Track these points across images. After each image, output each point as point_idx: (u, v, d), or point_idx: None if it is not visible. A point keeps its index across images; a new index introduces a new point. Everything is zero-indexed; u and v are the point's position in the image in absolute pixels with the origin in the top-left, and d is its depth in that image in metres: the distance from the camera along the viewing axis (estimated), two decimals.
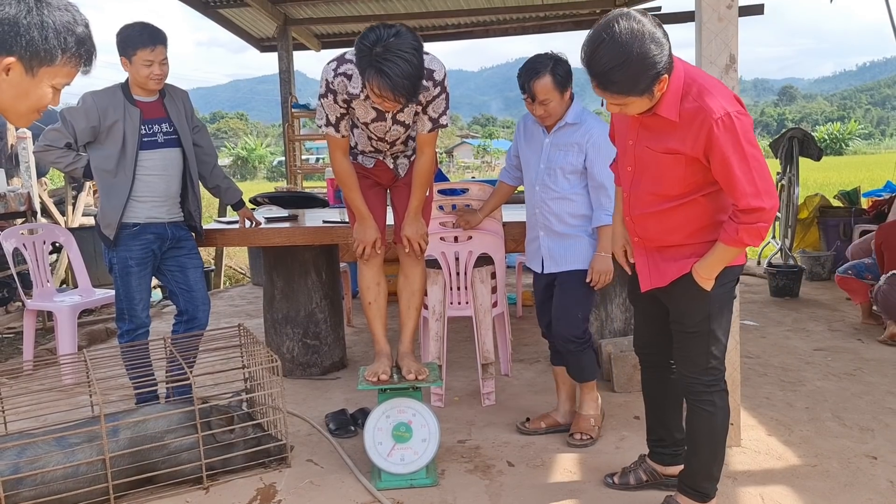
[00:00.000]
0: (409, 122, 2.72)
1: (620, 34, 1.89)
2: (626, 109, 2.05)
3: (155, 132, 3.24)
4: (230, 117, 78.30)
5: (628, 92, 1.96)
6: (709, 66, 2.74)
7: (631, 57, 1.89)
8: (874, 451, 2.85)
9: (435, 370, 2.88)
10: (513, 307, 5.41)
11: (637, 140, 2.18)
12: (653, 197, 2.19)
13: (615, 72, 1.92)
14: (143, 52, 3.10)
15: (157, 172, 3.25)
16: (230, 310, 6.12)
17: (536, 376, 3.95)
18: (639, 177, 2.22)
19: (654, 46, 1.91)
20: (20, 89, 1.36)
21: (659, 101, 2.03)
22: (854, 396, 3.44)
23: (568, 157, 2.91)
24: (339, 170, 2.77)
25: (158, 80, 3.18)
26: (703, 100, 1.99)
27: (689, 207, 2.15)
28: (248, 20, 8.06)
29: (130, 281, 3.27)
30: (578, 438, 3.01)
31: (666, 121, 2.06)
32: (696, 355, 2.25)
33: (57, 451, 2.52)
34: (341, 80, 2.57)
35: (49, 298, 4.32)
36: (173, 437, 2.69)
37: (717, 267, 2.14)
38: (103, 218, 3.24)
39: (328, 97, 2.61)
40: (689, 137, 2.02)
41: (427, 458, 2.71)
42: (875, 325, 4.61)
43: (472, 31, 8.79)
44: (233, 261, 10.05)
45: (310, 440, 3.16)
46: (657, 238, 2.26)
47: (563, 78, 2.82)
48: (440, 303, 3.52)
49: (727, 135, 1.96)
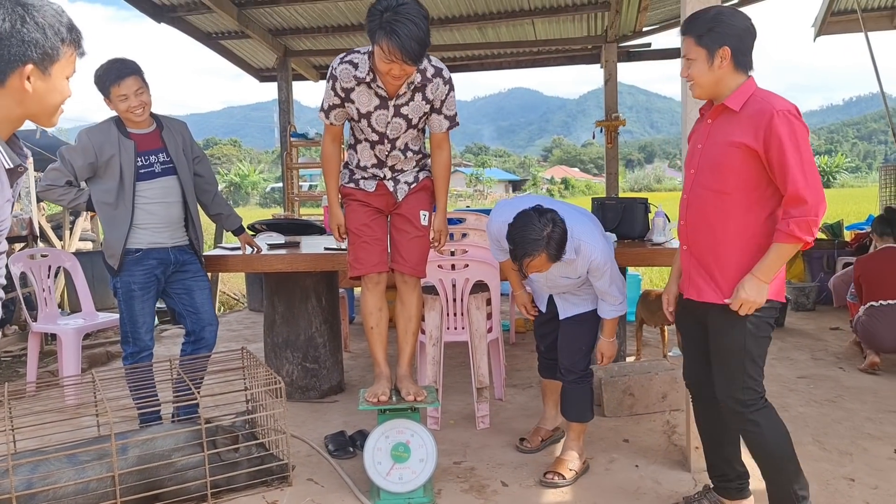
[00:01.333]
0: (413, 118, 2.82)
1: (711, 6, 2.36)
2: (692, 66, 2.29)
3: (152, 162, 3.34)
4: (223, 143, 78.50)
5: (698, 36, 2.26)
6: (693, 106, 2.91)
7: (708, 13, 2.28)
8: (852, 473, 2.98)
9: (432, 393, 3.00)
10: (506, 334, 5.54)
11: (706, 143, 2.35)
12: (709, 193, 2.31)
13: (696, 17, 2.31)
14: (114, 89, 3.18)
15: (157, 200, 3.35)
16: (229, 335, 6.21)
17: (529, 400, 4.06)
18: (699, 175, 2.36)
19: (727, 20, 2.25)
20: (43, 92, 1.46)
21: (731, 94, 2.26)
22: (834, 422, 3.58)
23: (570, 279, 2.93)
24: (325, 153, 3.03)
25: (139, 110, 3.24)
26: (769, 99, 2.21)
27: (740, 215, 2.26)
28: (248, 51, 8.27)
29: (134, 305, 3.37)
30: (549, 478, 2.95)
31: (730, 115, 2.26)
32: (732, 375, 2.33)
33: (68, 467, 2.62)
34: (345, 67, 2.72)
35: (53, 321, 4.42)
36: (180, 455, 2.79)
37: (774, 268, 2.22)
38: (107, 248, 3.35)
39: (329, 82, 2.78)
40: (750, 129, 2.19)
41: (424, 477, 2.82)
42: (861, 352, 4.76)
43: (468, 65, 9.06)
44: (227, 287, 10.14)
45: (310, 461, 3.26)
46: (706, 244, 2.35)
47: (556, 251, 2.67)
48: (437, 328, 3.65)
49: (786, 127, 2.14)
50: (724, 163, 2.27)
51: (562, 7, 7.05)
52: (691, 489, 2.83)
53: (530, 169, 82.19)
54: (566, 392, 3.11)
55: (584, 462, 3.09)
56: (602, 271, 2.84)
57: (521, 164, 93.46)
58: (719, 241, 2.32)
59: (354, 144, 2.97)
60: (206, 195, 3.65)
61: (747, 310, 2.25)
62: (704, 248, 2.36)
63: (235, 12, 6.44)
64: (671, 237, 3.86)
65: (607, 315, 2.97)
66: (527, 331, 5.81)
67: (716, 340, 2.38)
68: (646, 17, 7.38)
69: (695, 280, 2.41)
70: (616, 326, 3.02)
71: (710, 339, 2.41)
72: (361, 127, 2.86)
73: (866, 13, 9.34)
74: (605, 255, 2.81)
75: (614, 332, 3.03)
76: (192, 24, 7.13)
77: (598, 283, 2.89)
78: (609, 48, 7.93)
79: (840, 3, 9.42)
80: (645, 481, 2.97)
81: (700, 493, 2.69)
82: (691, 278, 2.43)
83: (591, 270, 2.84)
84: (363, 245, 2.97)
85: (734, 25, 2.25)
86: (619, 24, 7.38)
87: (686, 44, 2.34)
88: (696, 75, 2.31)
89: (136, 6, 6.32)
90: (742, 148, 2.22)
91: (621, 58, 8.13)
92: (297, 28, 7.47)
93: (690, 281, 2.44)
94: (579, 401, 3.07)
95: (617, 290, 2.92)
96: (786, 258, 2.25)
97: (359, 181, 3.01)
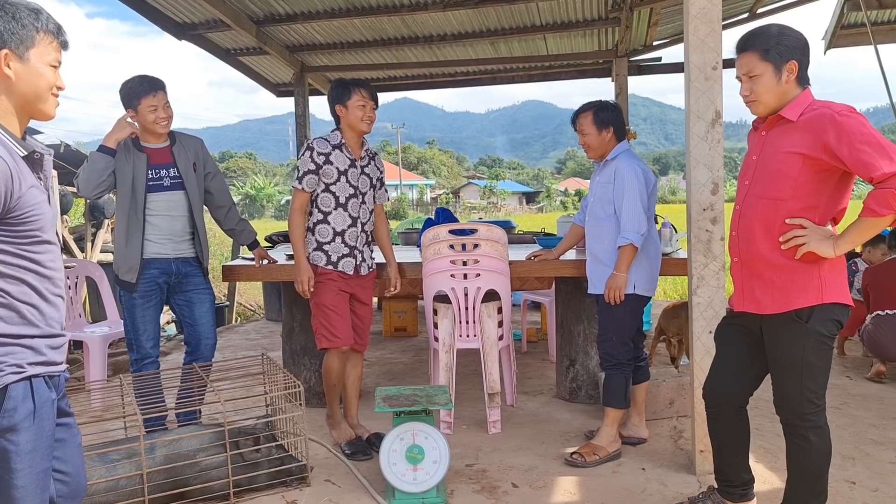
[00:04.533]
0: (373, 178, 3.59)
1: (764, 24, 2.41)
2: (756, 84, 2.32)
3: (161, 176, 3.47)
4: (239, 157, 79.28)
5: (763, 52, 2.30)
6: (696, 121, 3.02)
7: (771, 28, 2.34)
8: (853, 476, 3.07)
9: (446, 393, 3.11)
10: (518, 343, 5.64)
11: (761, 154, 2.38)
12: (763, 201, 2.33)
13: (757, 32, 2.35)
14: (146, 100, 3.37)
15: (163, 213, 3.47)
16: (247, 343, 6.36)
17: (540, 407, 4.16)
18: (754, 186, 2.37)
19: (791, 34, 2.31)
20: (26, 76, 1.68)
21: (786, 105, 2.30)
22: (839, 428, 3.65)
23: (606, 189, 3.34)
24: (295, 220, 3.47)
25: (164, 122, 3.43)
26: (826, 105, 2.25)
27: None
28: (266, 67, 8.46)
29: (135, 313, 3.47)
30: (573, 458, 3.26)
31: (787, 125, 2.30)
32: (790, 388, 2.32)
33: (100, 465, 2.76)
34: (320, 140, 3.45)
35: (80, 329, 4.58)
36: (204, 455, 2.92)
37: (857, 241, 2.21)
38: (124, 261, 3.42)
39: (305, 154, 3.42)
40: (809, 136, 2.22)
41: (438, 478, 2.93)
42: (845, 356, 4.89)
43: (481, 79, 9.19)
44: (243, 297, 10.31)
45: (327, 462, 3.38)
46: (759, 254, 2.34)
47: (602, 119, 3.37)
48: (450, 335, 3.76)
49: (850, 121, 2.16)
50: (782, 170, 2.28)
51: (573, 23, 7.17)
52: (696, 491, 2.92)
53: (544, 181, 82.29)
54: (605, 377, 3.40)
55: (614, 451, 3.31)
56: (623, 185, 3.25)
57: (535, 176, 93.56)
58: (774, 248, 2.31)
59: (323, 220, 3.46)
60: (219, 211, 3.78)
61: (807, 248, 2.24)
62: (758, 257, 2.36)
63: (254, 30, 6.62)
64: (678, 247, 3.96)
65: (619, 242, 3.24)
66: (538, 340, 5.91)
67: (774, 351, 2.37)
68: (656, 32, 7.50)
69: (750, 293, 2.40)
70: (625, 260, 3.23)
71: (769, 351, 2.39)
72: (337, 188, 3.43)
73: (876, 26, 9.41)
74: (630, 173, 3.26)
75: (623, 266, 3.24)
76: (211, 40, 7.32)
77: (616, 196, 3.28)
78: (620, 62, 8.05)
79: (850, 17, 9.50)
80: (651, 483, 3.06)
81: (704, 494, 2.76)
82: (745, 291, 2.43)
83: (616, 178, 3.30)
84: (339, 319, 3.47)
85: (798, 39, 2.30)
86: (629, 38, 7.50)
87: (747, 60, 2.34)
88: (762, 92, 2.32)
89: (158, 25, 6.52)
90: (801, 156, 2.24)
91: (632, 71, 8.24)
92: (314, 44, 7.65)
93: (744, 294, 2.43)
94: (612, 387, 3.35)
95: (630, 219, 3.23)
96: (869, 236, 2.24)
97: (337, 263, 3.47)
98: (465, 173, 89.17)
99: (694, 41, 2.99)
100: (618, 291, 3.24)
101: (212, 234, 15.96)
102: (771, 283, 2.35)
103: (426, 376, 4.82)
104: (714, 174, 3.01)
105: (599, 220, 3.37)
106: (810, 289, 2.29)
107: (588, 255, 3.49)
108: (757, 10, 7.30)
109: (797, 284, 2.30)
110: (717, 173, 3.01)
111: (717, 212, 3.01)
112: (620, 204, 3.26)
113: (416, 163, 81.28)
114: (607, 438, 3.33)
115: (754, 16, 7.38)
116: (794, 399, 2.34)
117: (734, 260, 2.49)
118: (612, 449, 3.32)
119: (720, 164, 3.02)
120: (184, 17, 6.57)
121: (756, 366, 2.50)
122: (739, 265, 2.46)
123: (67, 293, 4.61)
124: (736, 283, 2.50)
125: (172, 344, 6.54)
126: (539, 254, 3.89)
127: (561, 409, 4.12)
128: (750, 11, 7.38)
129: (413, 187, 60.23)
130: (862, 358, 4.98)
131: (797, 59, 2.29)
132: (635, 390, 3.52)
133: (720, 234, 3.01)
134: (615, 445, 3.34)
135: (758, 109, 2.38)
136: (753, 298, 2.41)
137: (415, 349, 5.85)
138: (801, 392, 2.32)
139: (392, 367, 5.31)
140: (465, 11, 6.50)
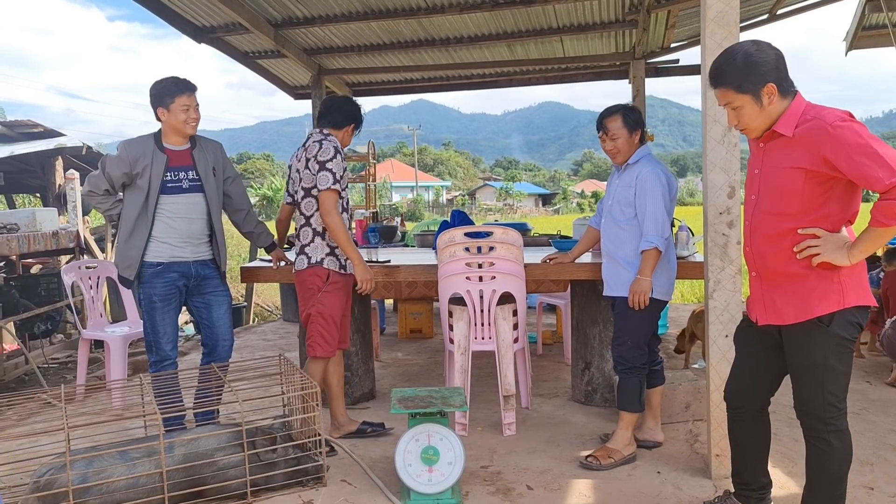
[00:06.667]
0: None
1: (732, 46, 2.36)
2: (741, 115, 2.31)
3: (181, 178, 3.51)
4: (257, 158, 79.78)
5: (736, 87, 2.27)
6: (713, 124, 3.01)
7: (737, 59, 2.28)
8: (872, 482, 3.04)
9: (461, 395, 3.12)
10: (533, 345, 5.64)
11: (762, 167, 2.37)
12: (772, 217, 2.32)
13: (724, 66, 2.30)
14: (181, 98, 3.44)
15: (181, 215, 3.51)
16: (264, 344, 6.41)
17: (555, 410, 4.17)
18: (761, 202, 2.37)
19: (759, 58, 2.26)
20: None
21: (778, 119, 2.28)
22: (857, 433, 3.59)
23: (626, 192, 3.33)
24: (340, 224, 3.47)
25: (193, 122, 3.50)
26: (820, 115, 2.21)
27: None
28: (284, 70, 8.53)
29: (155, 316, 3.51)
30: (589, 461, 3.27)
31: (784, 139, 2.28)
32: (811, 392, 2.31)
33: (120, 463, 2.80)
34: (337, 143, 3.49)
35: (101, 329, 4.65)
36: (222, 454, 2.95)
37: (870, 249, 2.20)
38: (124, 259, 3.47)
39: (336, 157, 3.45)
40: (807, 151, 2.20)
41: (452, 479, 2.94)
42: None
43: (497, 81, 9.19)
44: (261, 298, 10.40)
45: (343, 463, 3.41)
46: (775, 267, 2.34)
47: (632, 121, 3.34)
48: (465, 337, 3.78)
49: (844, 132, 2.12)
50: (785, 186, 2.27)
51: (590, 25, 7.16)
52: (712, 495, 2.91)
53: (560, 183, 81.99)
54: (618, 381, 3.40)
55: (629, 454, 3.31)
56: (646, 189, 3.24)
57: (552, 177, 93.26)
58: (790, 261, 2.30)
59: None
60: (237, 214, 3.83)
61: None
62: (775, 270, 2.35)
63: (272, 33, 6.68)
64: (694, 250, 3.95)
65: (642, 246, 3.23)
66: (553, 342, 5.91)
67: (795, 357, 2.36)
68: (673, 34, 7.47)
69: (771, 305, 2.39)
70: (649, 264, 3.22)
71: (789, 357, 2.39)
72: (345, 194, 3.54)
73: None
74: (653, 178, 3.25)
75: (647, 270, 3.22)
76: (230, 44, 7.39)
77: (638, 200, 3.26)
78: (637, 64, 8.03)
79: (871, 18, 9.40)
80: (666, 486, 3.06)
81: (720, 498, 2.75)
82: (766, 304, 2.42)
83: (639, 182, 3.27)
84: (336, 330, 3.57)
85: (767, 60, 2.25)
86: (646, 41, 7.48)
87: (723, 94, 2.32)
88: (747, 121, 2.31)
89: (178, 28, 6.60)
90: (802, 171, 2.22)
91: (649, 73, 8.21)
92: (331, 47, 7.70)
93: (765, 306, 2.42)
94: (626, 391, 3.35)
95: (654, 223, 3.22)
96: (879, 245, 2.23)
97: (346, 265, 3.57)
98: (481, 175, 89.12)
99: (711, 45, 2.98)
100: (643, 296, 3.22)
101: (230, 236, 16.10)
102: (791, 293, 2.34)
103: (441, 378, 4.84)
104: (730, 178, 3.00)
105: (619, 224, 3.37)
106: (831, 294, 2.28)
107: (604, 258, 3.49)
108: (777, 11, 7.24)
109: (818, 292, 2.29)
110: (734, 177, 3.00)
111: (733, 215, 3.00)
112: (644, 208, 3.25)
113: (433, 164, 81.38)
114: (622, 442, 3.33)
115: (774, 17, 7.33)
116: (816, 403, 2.32)
117: (752, 274, 2.48)
118: (627, 452, 3.32)
119: (737, 167, 3.02)
120: (203, 20, 6.64)
121: (776, 368, 2.50)
122: (758, 279, 2.45)
123: (89, 293, 4.69)
124: (755, 297, 2.48)
125: (191, 344, 6.61)
126: (554, 256, 3.90)
127: (576, 411, 4.12)
128: (770, 12, 7.33)
129: (429, 189, 60.30)
130: (882, 362, 4.93)
131: (772, 80, 2.25)
132: (650, 394, 3.51)
133: (736, 238, 3.00)
134: (630, 449, 3.34)
135: (751, 134, 2.38)
136: (775, 310, 2.39)
137: (430, 351, 5.87)
138: (822, 396, 2.31)
139: (408, 368, 5.33)
140: (481, 14, 6.51)
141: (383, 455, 3.47)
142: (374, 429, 3.75)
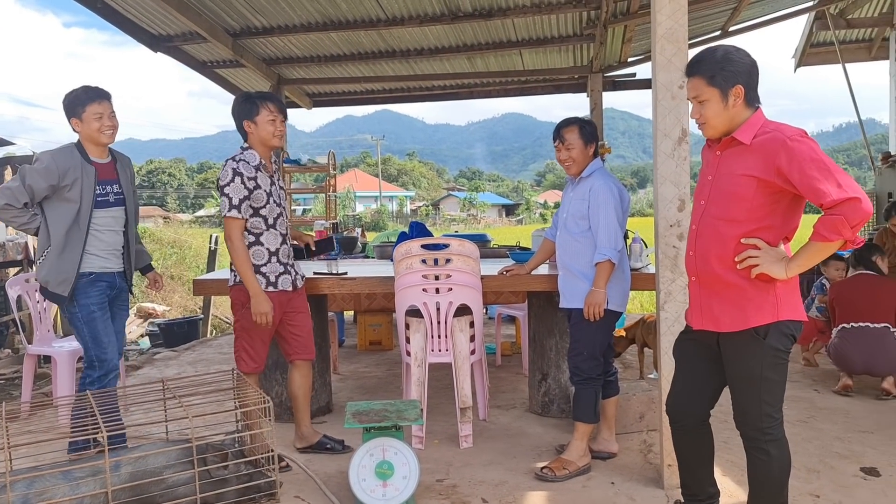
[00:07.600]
0: (284, 192, 3.58)
1: (715, 44, 2.45)
2: (705, 108, 2.36)
3: (107, 192, 3.47)
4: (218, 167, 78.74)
5: (708, 78, 2.33)
6: (663, 139, 3.07)
7: (717, 53, 2.36)
8: (817, 490, 3.11)
9: (416, 408, 3.11)
10: (492, 356, 5.65)
11: (716, 174, 2.41)
12: (719, 222, 2.36)
13: (703, 56, 2.38)
14: (92, 107, 3.38)
15: (109, 228, 3.48)
16: (220, 357, 6.30)
17: (512, 421, 4.17)
18: (710, 206, 2.41)
19: (736, 58, 2.34)
20: None
21: (738, 127, 2.34)
22: (804, 441, 3.70)
23: (580, 205, 3.38)
24: (241, 249, 3.34)
25: (109, 131, 3.43)
26: (777, 129, 2.28)
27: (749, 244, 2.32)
28: (243, 79, 8.45)
29: (97, 326, 3.43)
30: (543, 472, 3.28)
31: (741, 147, 2.33)
32: (749, 403, 2.37)
33: (63, 483, 2.72)
34: (243, 163, 3.34)
35: (48, 344, 4.52)
36: (171, 472, 2.89)
37: (807, 264, 2.25)
38: (57, 274, 3.36)
39: (235, 181, 3.30)
40: (762, 160, 2.26)
41: (407, 494, 2.93)
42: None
43: (458, 93, 9.26)
44: (219, 310, 10.23)
45: (297, 478, 3.36)
46: (716, 273, 2.38)
47: (588, 133, 3.40)
48: (422, 349, 3.77)
49: (801, 147, 2.19)
50: (737, 192, 2.32)
51: (548, 39, 7.26)
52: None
53: (524, 193, 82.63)
54: (574, 391, 3.42)
55: (584, 465, 3.33)
56: (599, 202, 3.30)
57: (515, 188, 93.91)
58: (730, 269, 2.35)
59: (256, 241, 3.41)
60: None
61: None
62: (714, 277, 2.39)
63: (230, 42, 6.62)
64: (648, 262, 4.01)
65: (595, 259, 3.28)
66: (513, 353, 5.93)
67: (733, 368, 2.41)
68: (630, 49, 7.61)
69: (708, 311, 2.44)
70: (603, 276, 3.26)
71: (727, 368, 2.44)
72: (266, 210, 3.39)
73: (844, 45, 9.64)
74: (606, 191, 3.31)
75: (601, 282, 3.26)
76: (188, 53, 7.31)
77: (591, 213, 3.31)
78: (594, 78, 8.17)
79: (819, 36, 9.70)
80: (620, 497, 3.08)
81: None
82: (703, 309, 2.47)
83: (592, 195, 3.33)
84: (263, 347, 3.53)
85: (743, 63, 2.33)
86: (604, 54, 7.61)
87: (694, 85, 2.39)
88: (710, 116, 2.37)
89: (134, 37, 6.50)
90: (755, 179, 2.28)
91: (606, 87, 8.36)
92: (291, 57, 7.67)
93: (702, 312, 2.47)
94: (582, 402, 3.37)
95: (607, 236, 3.27)
96: (817, 260, 2.28)
97: (277, 283, 3.46)
98: (445, 185, 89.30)
99: (661, 61, 3.04)
100: (598, 307, 3.26)
101: (188, 247, 15.86)
102: (728, 301, 2.39)
103: (400, 390, 4.81)
104: (680, 191, 3.05)
105: (574, 236, 3.41)
106: (766, 307, 2.34)
107: (560, 270, 3.52)
108: (729, 28, 7.44)
109: (754, 303, 2.35)
110: (683, 190, 3.06)
111: (683, 228, 3.05)
112: (597, 221, 3.30)
113: (397, 174, 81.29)
114: (577, 453, 3.35)
115: (726, 33, 7.53)
116: (754, 414, 2.38)
117: (691, 279, 2.53)
118: (581, 463, 3.34)
119: (687, 181, 3.07)
120: (159, 29, 6.56)
121: (715, 379, 2.55)
122: (697, 284, 2.50)
123: (35, 307, 4.56)
124: (693, 302, 2.53)
125: (144, 358, 6.46)
126: (511, 268, 3.92)
127: (533, 423, 4.14)
128: (722, 29, 7.52)
129: (393, 199, 60.20)
130: (830, 371, 5.05)
131: (742, 83, 2.33)
132: (605, 405, 3.54)
133: None
134: (585, 460, 3.36)
135: (708, 132, 2.42)
136: (712, 316, 2.45)
137: (389, 363, 5.84)
138: (759, 406, 2.37)
139: (366, 381, 5.30)
140: (441, 26, 6.56)
141: (339, 470, 3.43)
142: (332, 445, 3.70)
